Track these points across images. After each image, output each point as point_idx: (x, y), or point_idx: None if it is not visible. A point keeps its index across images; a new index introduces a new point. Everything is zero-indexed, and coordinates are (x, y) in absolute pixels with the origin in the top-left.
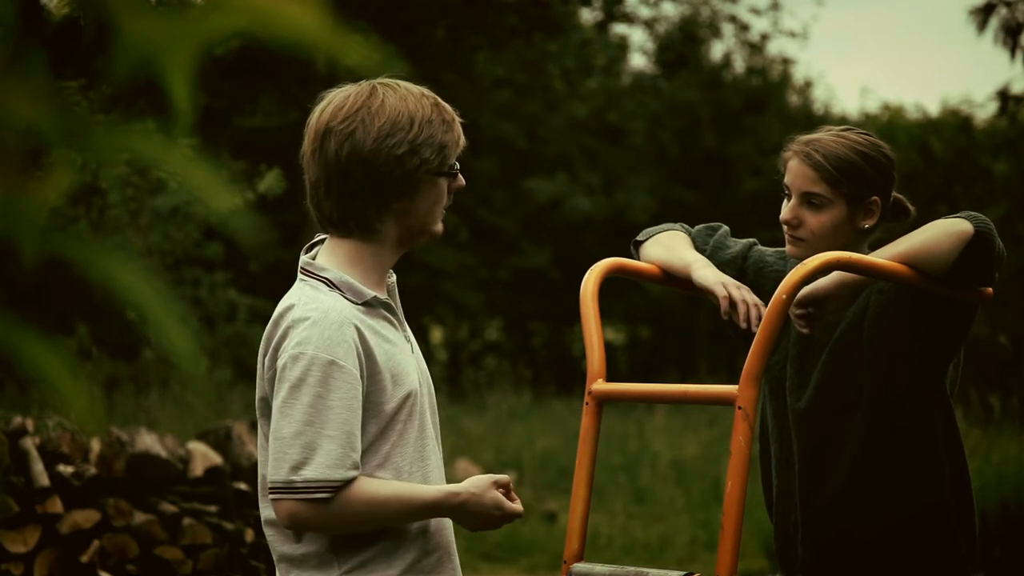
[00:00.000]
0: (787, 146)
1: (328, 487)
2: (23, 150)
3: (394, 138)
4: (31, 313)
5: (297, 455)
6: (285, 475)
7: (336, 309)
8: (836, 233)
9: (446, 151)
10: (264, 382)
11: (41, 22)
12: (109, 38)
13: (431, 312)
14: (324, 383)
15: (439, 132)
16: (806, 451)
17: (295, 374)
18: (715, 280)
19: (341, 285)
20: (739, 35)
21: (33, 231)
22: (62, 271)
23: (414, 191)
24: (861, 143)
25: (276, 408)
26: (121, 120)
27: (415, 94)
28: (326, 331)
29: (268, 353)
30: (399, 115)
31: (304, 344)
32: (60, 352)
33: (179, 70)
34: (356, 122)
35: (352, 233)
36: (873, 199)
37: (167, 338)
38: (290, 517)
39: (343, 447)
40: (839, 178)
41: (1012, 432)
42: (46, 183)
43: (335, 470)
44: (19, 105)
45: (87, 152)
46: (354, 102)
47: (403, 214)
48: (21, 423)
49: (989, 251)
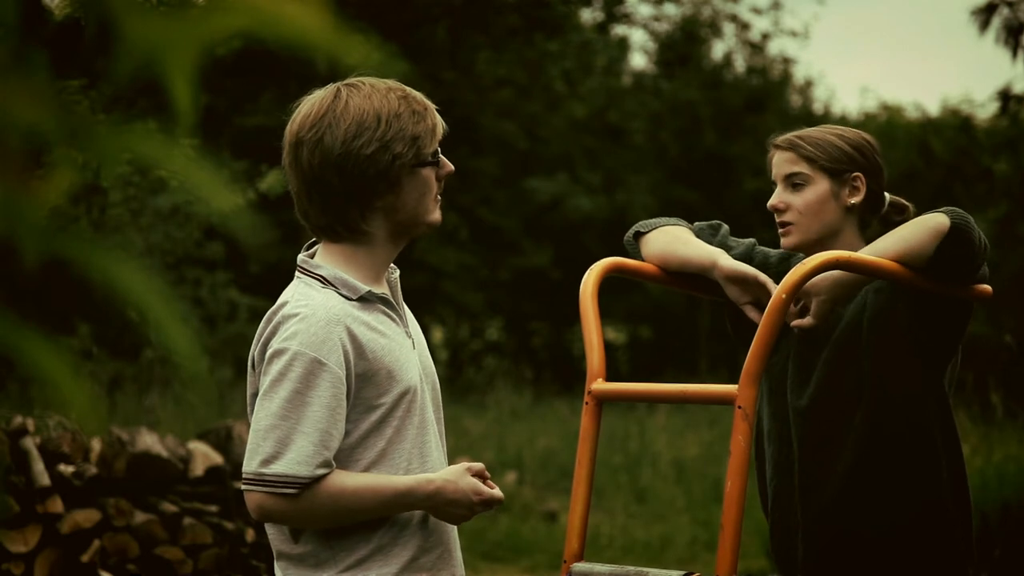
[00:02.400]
0: (769, 147)
1: (296, 483)
2: (24, 150)
3: (362, 138)
4: (32, 313)
5: (269, 448)
6: (256, 467)
7: (326, 307)
8: (823, 211)
9: (420, 142)
10: (256, 377)
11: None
12: (110, 38)
13: (432, 312)
14: (305, 380)
15: (409, 124)
16: (806, 450)
17: (277, 368)
18: (755, 270)
19: (335, 281)
20: (740, 34)
21: (34, 231)
22: (63, 271)
23: (396, 186)
24: (838, 128)
25: (257, 400)
26: (122, 120)
27: (380, 90)
28: (312, 327)
29: (258, 348)
30: (364, 114)
31: (290, 339)
32: (61, 352)
33: (180, 70)
34: (323, 128)
35: (342, 237)
36: (855, 175)
37: (168, 338)
38: (258, 509)
39: (316, 445)
40: (816, 153)
41: (1013, 431)
42: (47, 183)
43: (304, 467)
44: (20, 105)
45: (88, 152)
46: (319, 108)
47: (391, 211)
48: (22, 423)
49: (966, 244)
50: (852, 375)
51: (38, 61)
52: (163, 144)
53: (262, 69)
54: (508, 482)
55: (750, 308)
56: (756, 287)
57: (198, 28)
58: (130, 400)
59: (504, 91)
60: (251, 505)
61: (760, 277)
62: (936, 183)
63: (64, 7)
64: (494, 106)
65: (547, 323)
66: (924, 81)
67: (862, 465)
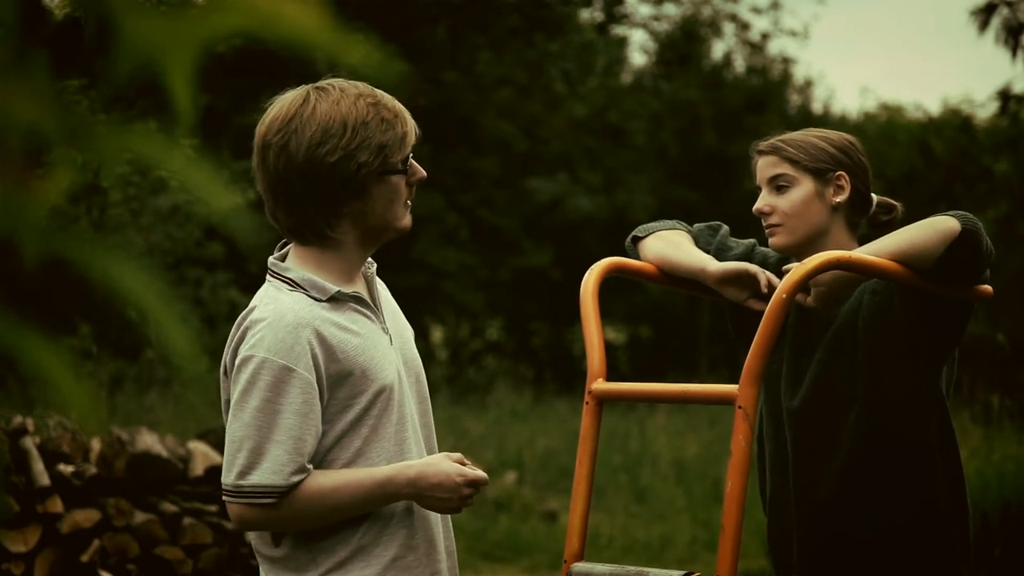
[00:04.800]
0: (752, 153)
1: (272, 492)
2: (24, 150)
3: (326, 146)
4: (32, 313)
5: (244, 460)
6: (233, 479)
7: (293, 311)
8: (808, 211)
9: (387, 150)
10: (228, 383)
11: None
12: (110, 38)
13: (432, 312)
14: (274, 387)
15: (376, 133)
16: (800, 451)
17: (246, 377)
18: (740, 264)
19: (304, 283)
20: (740, 34)
21: (34, 230)
22: (63, 271)
23: (363, 194)
24: (820, 130)
25: (230, 410)
26: (122, 120)
27: (350, 96)
28: (279, 333)
29: (229, 354)
30: (331, 121)
31: (256, 347)
32: (61, 352)
33: (180, 70)
34: (289, 133)
35: (310, 241)
36: (839, 174)
37: (168, 338)
38: (239, 519)
39: (290, 453)
40: (798, 155)
41: (1012, 431)
42: (47, 182)
43: (279, 476)
44: (20, 105)
45: (88, 152)
46: (287, 112)
47: (358, 217)
48: (21, 423)
49: (975, 250)
50: (845, 376)
51: (38, 61)
52: (163, 144)
53: (262, 69)
54: (508, 482)
55: (753, 302)
56: (749, 280)
57: (198, 28)
58: (130, 400)
59: (504, 91)
60: (232, 516)
61: (751, 268)
62: (936, 183)
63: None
64: (494, 106)
65: (547, 323)
66: (924, 81)
67: (856, 466)
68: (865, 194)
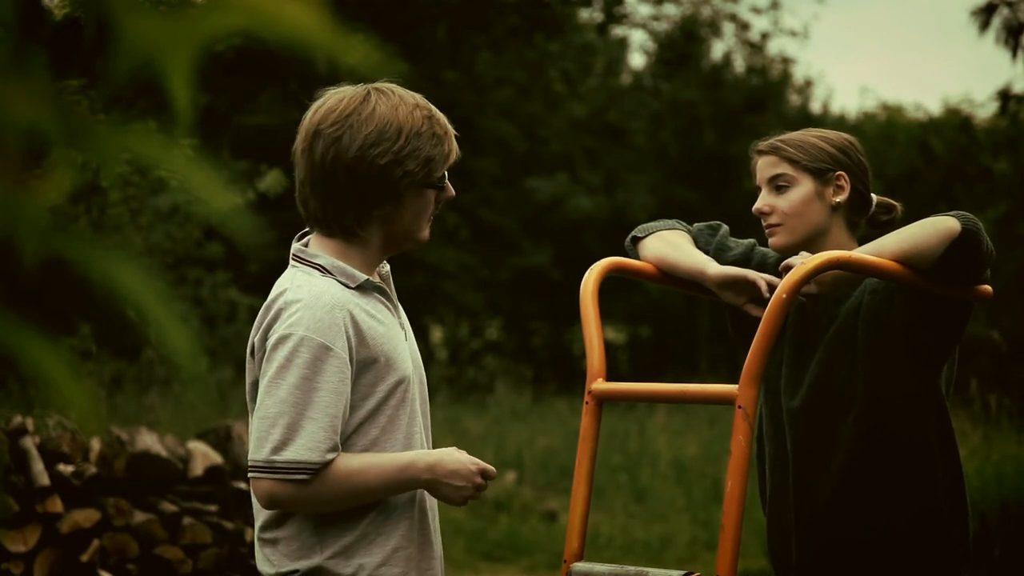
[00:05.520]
0: (751, 153)
1: (307, 469)
2: (24, 150)
3: (379, 147)
4: (32, 313)
5: (279, 435)
6: (266, 455)
7: (329, 292)
8: (808, 211)
9: (432, 164)
10: (255, 365)
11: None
12: (110, 38)
13: (432, 312)
14: (312, 365)
15: (427, 146)
16: (800, 451)
17: (283, 354)
18: (739, 270)
19: (334, 270)
20: (739, 34)
21: (34, 230)
22: (63, 271)
23: (397, 200)
24: (819, 130)
25: (263, 387)
26: (122, 120)
27: (408, 104)
28: (317, 313)
29: (259, 335)
30: (388, 125)
31: (295, 326)
32: (61, 352)
33: (179, 70)
34: (344, 127)
35: (335, 234)
36: (839, 174)
37: (168, 338)
38: (268, 496)
39: (326, 430)
40: (798, 155)
41: (1011, 431)
42: (47, 182)
43: (315, 452)
44: (20, 105)
45: (88, 151)
46: (346, 106)
47: (386, 221)
48: (21, 422)
49: (975, 250)
50: (845, 376)
51: (38, 61)
52: (163, 144)
53: (262, 69)
54: (508, 482)
55: (751, 307)
56: (747, 286)
57: (197, 28)
58: (130, 400)
59: (504, 91)
60: (260, 493)
61: (749, 275)
62: (936, 183)
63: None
64: (494, 106)
65: (547, 323)
66: (924, 81)
67: (855, 466)
68: (865, 194)
